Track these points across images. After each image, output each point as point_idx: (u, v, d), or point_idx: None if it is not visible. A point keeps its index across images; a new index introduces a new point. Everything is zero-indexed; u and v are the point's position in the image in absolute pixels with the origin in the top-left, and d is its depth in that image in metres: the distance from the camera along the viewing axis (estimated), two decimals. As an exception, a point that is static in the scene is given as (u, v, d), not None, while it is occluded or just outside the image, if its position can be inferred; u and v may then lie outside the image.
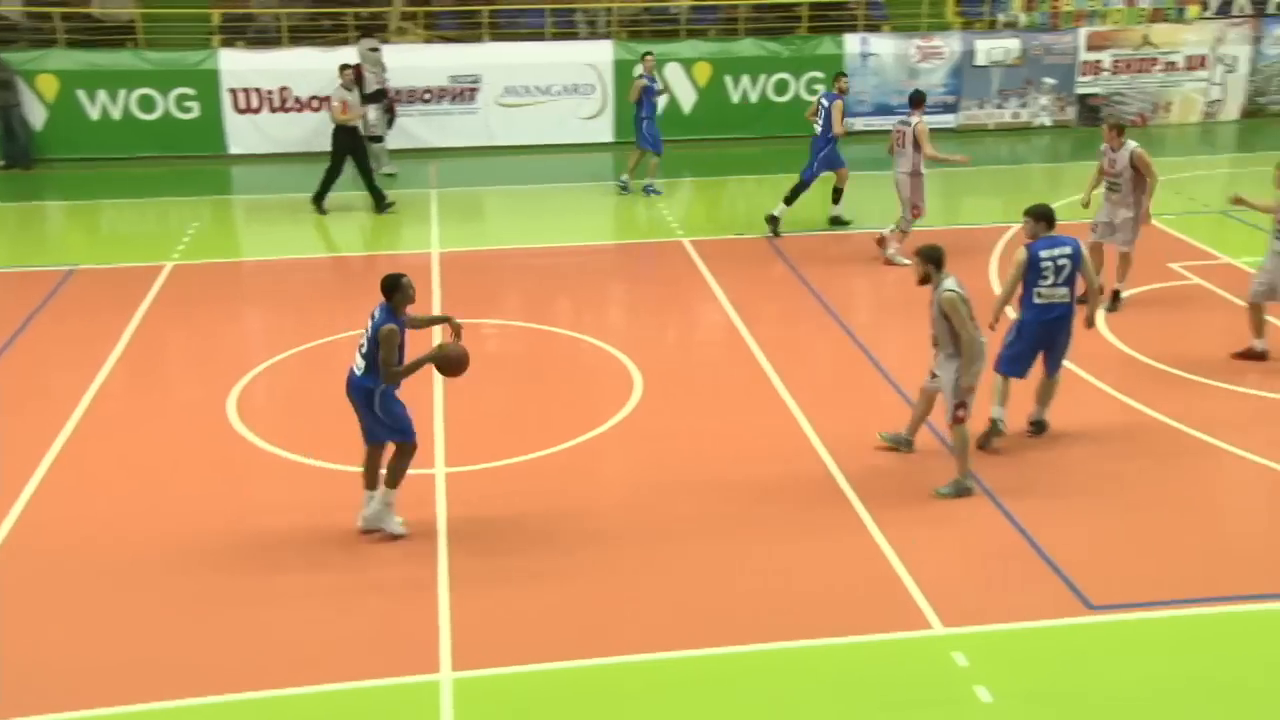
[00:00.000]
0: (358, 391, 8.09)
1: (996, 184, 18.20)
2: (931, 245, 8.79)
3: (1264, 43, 21.45)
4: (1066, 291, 9.21)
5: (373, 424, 8.15)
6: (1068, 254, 9.13)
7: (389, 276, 8.11)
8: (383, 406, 8.09)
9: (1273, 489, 8.86)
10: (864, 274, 14.18)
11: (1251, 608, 7.40)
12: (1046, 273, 9.13)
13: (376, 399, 8.06)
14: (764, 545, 8.25)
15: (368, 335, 8.05)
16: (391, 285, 8.05)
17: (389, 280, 8.08)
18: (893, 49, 20.80)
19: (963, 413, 8.65)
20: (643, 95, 17.11)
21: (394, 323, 7.94)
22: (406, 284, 8.11)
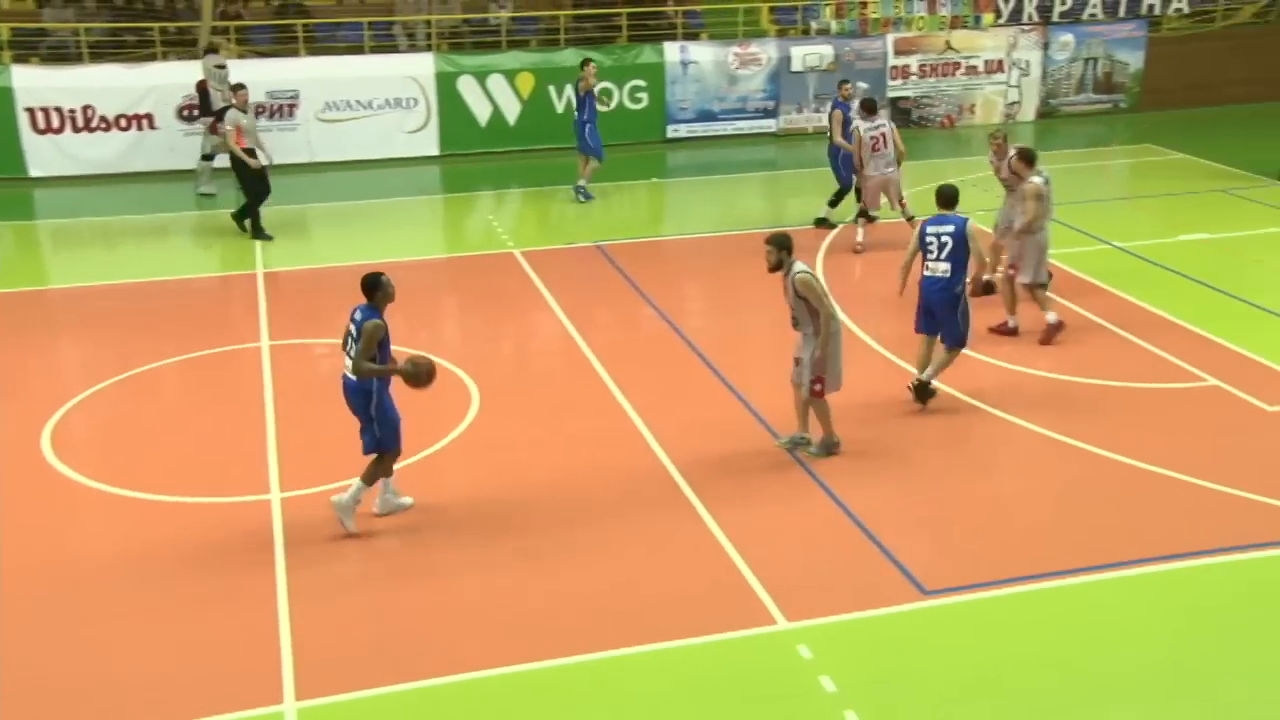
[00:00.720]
0: (354, 393, 8.20)
1: (819, 185, 18.70)
2: (782, 233, 9.29)
3: (1052, 48, 22.73)
4: (948, 266, 10.01)
5: (367, 426, 8.22)
6: (949, 232, 10.04)
7: (369, 275, 8.17)
8: (378, 407, 8.19)
9: (1082, 466, 9.35)
10: (695, 277, 14.43)
11: (1070, 581, 7.81)
12: (930, 247, 10.12)
13: (374, 399, 8.15)
14: (609, 551, 8.30)
15: (352, 334, 8.12)
16: (372, 284, 8.12)
17: (369, 279, 8.14)
18: (712, 56, 21.21)
19: (819, 386, 9.19)
20: (585, 101, 17.22)
21: (378, 319, 8.01)
22: (386, 282, 8.16)
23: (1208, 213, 15.75)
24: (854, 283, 13.93)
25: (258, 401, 10.68)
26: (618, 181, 18.74)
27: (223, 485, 9.20)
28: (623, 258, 14.71)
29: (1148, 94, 23.38)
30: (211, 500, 8.99)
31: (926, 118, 22.45)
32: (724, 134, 21.44)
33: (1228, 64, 23.41)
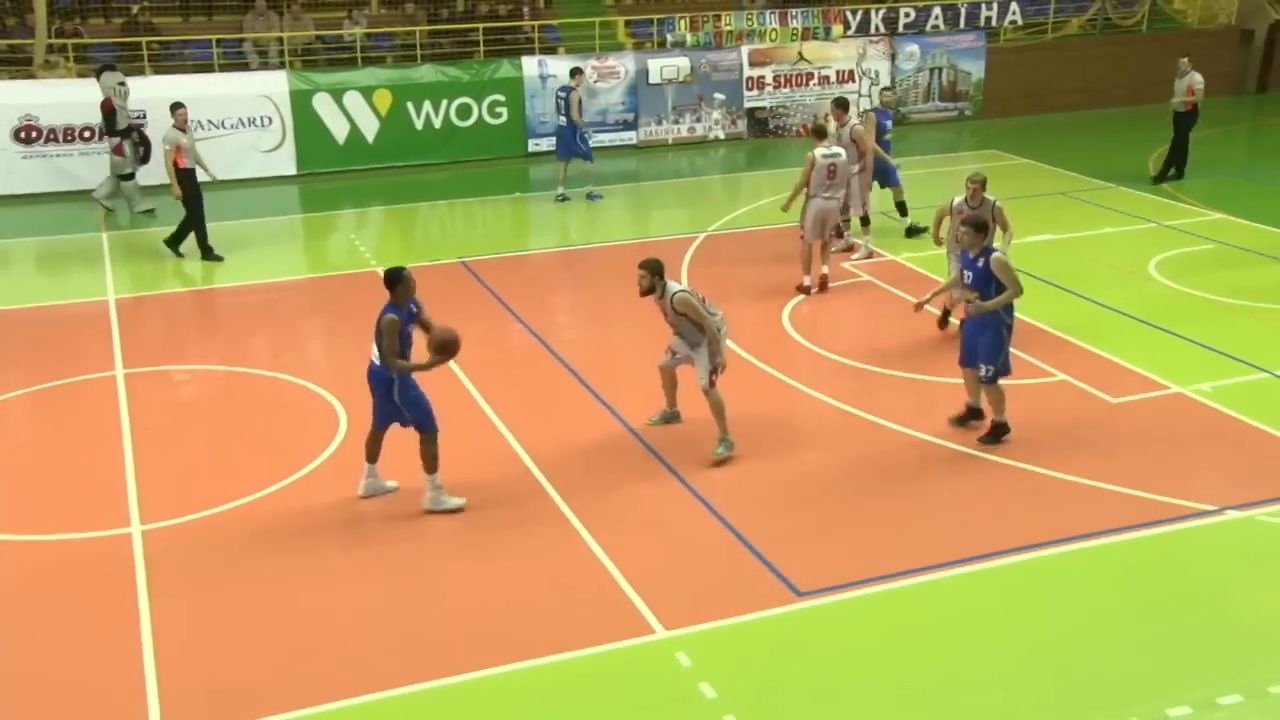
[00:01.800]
0: (377, 379, 8.67)
1: (680, 197, 18.98)
2: (654, 258, 9.57)
3: (899, 58, 23.48)
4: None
5: (391, 410, 8.72)
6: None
7: (390, 270, 8.67)
8: (402, 396, 8.66)
9: (942, 463, 9.66)
10: (562, 290, 14.45)
11: (936, 576, 8.06)
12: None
13: (395, 389, 8.62)
14: (485, 568, 8.25)
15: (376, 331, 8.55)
16: (394, 279, 8.57)
17: (391, 274, 8.62)
18: (569, 70, 21.24)
19: (716, 377, 9.60)
20: (567, 108, 17.77)
21: (395, 313, 8.46)
22: (407, 276, 8.60)
23: (1050, 214, 16.43)
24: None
25: (114, 432, 10.31)
26: (480, 197, 18.67)
27: (80, 520, 8.85)
28: (488, 273, 14.65)
29: (990, 102, 24.33)
30: (68, 537, 8.64)
31: (783, 127, 22.92)
32: (585, 147, 21.49)
33: (1060, 73, 24.54)
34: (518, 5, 22.44)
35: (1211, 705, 6.75)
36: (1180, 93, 18.36)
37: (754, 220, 17.06)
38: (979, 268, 9.58)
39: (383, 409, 8.80)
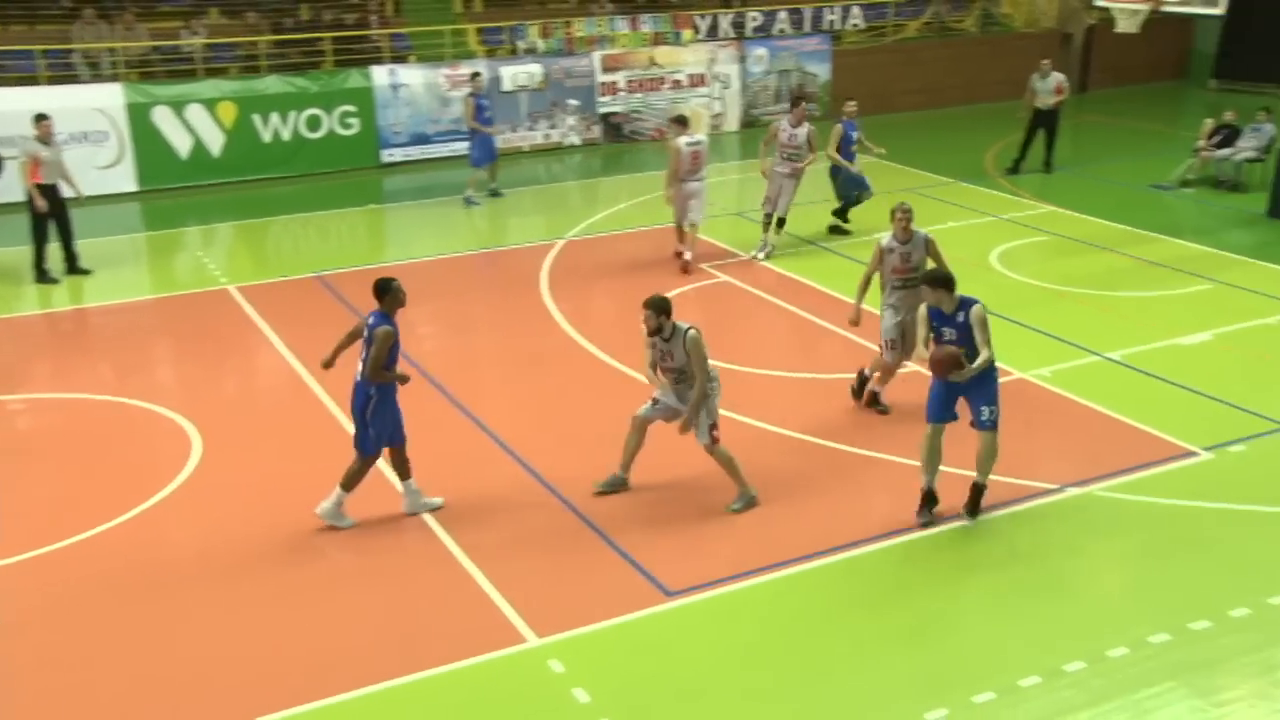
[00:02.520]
0: (359, 396, 8.54)
1: (537, 204, 18.99)
2: (661, 296, 8.82)
3: (749, 62, 23.93)
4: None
5: (362, 429, 8.58)
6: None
7: (380, 280, 8.57)
8: (374, 414, 8.52)
9: (799, 456, 9.90)
10: (422, 302, 14.28)
11: (804, 567, 8.25)
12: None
13: (371, 406, 8.49)
14: (355, 587, 8.15)
15: (366, 339, 8.45)
16: (383, 289, 8.51)
17: (380, 284, 8.54)
18: (422, 79, 21.09)
19: (717, 433, 8.91)
20: (475, 112, 17.89)
21: (390, 325, 8.38)
22: (398, 287, 8.56)
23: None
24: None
25: (-50, 468, 9.83)
26: (334, 209, 18.36)
27: (-84, 563, 8.43)
28: (345, 287, 14.41)
29: (836, 103, 24.86)
30: (-97, 581, 8.22)
31: (638, 131, 23.11)
32: (440, 156, 21.35)
33: (900, 74, 25.34)
34: (365, 14, 22.12)
35: (1059, 673, 7.09)
36: (1048, 91, 19.09)
37: (613, 225, 17.19)
38: (960, 323, 8.46)
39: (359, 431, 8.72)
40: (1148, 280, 14.12)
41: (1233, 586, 7.93)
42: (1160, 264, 14.73)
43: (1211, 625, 7.52)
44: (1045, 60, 19.73)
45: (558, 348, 12.43)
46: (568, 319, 13.17)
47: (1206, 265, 14.63)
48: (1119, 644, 7.34)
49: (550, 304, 13.69)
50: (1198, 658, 7.22)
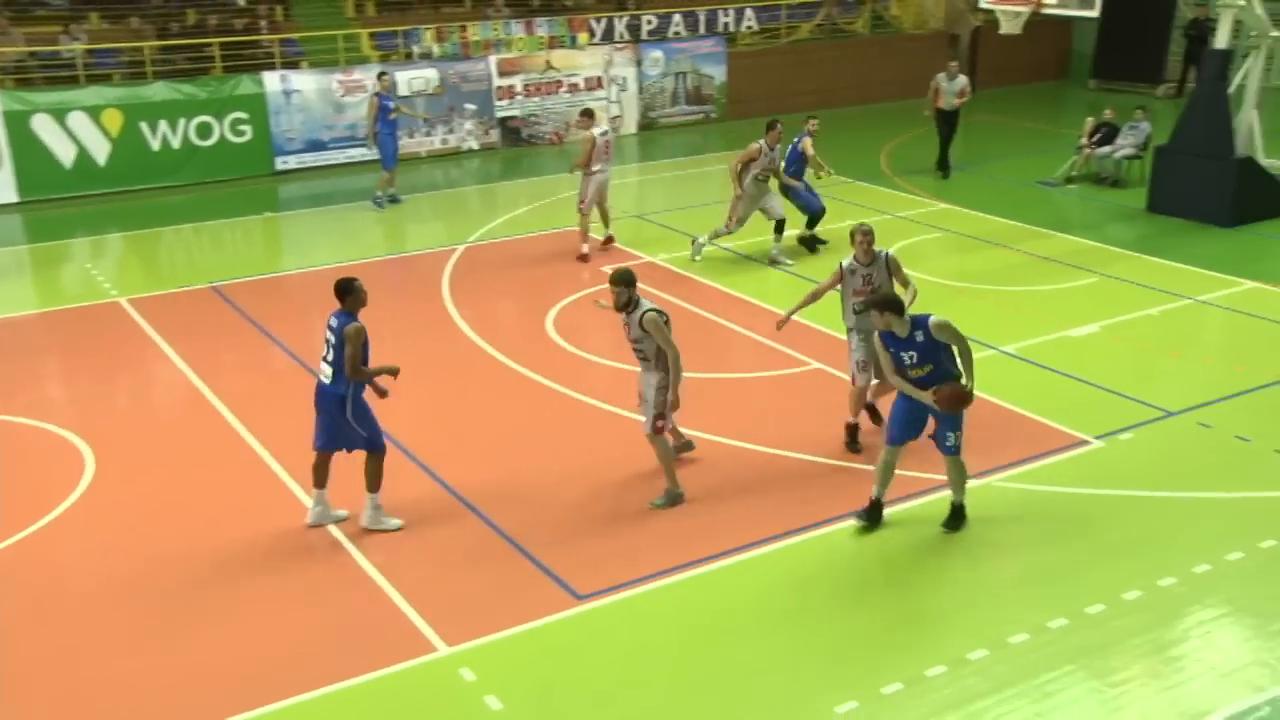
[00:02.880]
0: (329, 399, 8.45)
1: (436, 209, 18.82)
2: (625, 270, 8.98)
3: (645, 64, 24.04)
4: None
5: (343, 430, 8.50)
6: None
7: (342, 280, 8.53)
8: (355, 412, 8.47)
9: (706, 456, 9.97)
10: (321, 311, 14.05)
11: (712, 566, 8.32)
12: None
13: (349, 405, 8.43)
14: (262, 603, 7.99)
15: (332, 341, 8.38)
16: (344, 289, 8.47)
17: (342, 284, 8.50)
18: (315, 85, 20.77)
19: (662, 423, 9.02)
20: (379, 113, 17.76)
21: (359, 322, 8.33)
22: (359, 287, 8.52)
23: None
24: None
25: None
26: (229, 218, 17.98)
27: None
28: (242, 297, 14.13)
29: (732, 104, 25.22)
30: None
31: (535, 135, 23.06)
32: (336, 163, 21.07)
33: (795, 75, 25.70)
34: (254, 19, 21.70)
35: (963, 661, 7.26)
36: (953, 93, 19.38)
37: (513, 229, 17.13)
38: (919, 342, 8.25)
39: (330, 430, 8.58)
40: (1039, 275, 14.54)
41: (1125, 570, 8.20)
42: (1050, 259, 15.17)
43: (1106, 608, 7.77)
44: (953, 62, 20.15)
45: (461, 354, 12.35)
46: (470, 325, 13.09)
47: (1092, 259, 15.12)
48: (1020, 630, 7.54)
49: (452, 310, 13.59)
50: (1094, 640, 7.45)
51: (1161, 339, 12.42)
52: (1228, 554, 8.35)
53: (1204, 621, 7.66)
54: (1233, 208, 16.38)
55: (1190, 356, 12.03)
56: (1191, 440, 10.12)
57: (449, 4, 23.96)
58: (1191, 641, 7.48)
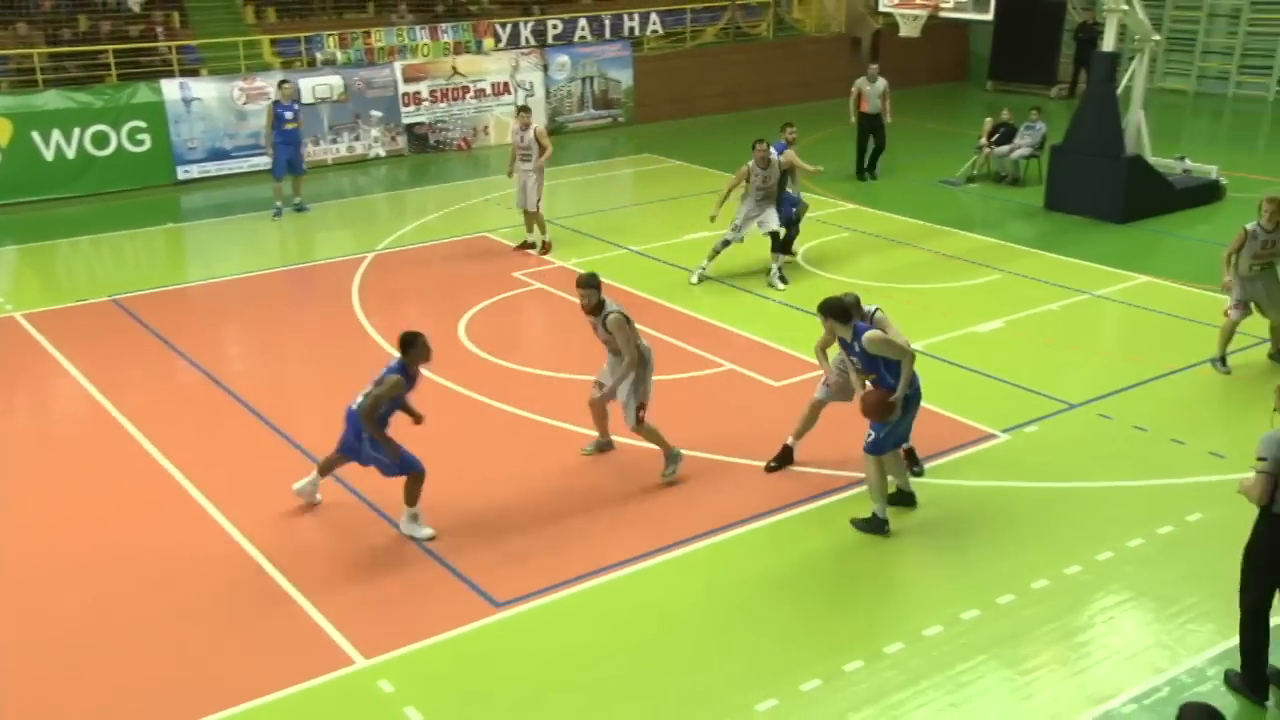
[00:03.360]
0: (351, 418, 8.57)
1: (344, 217, 18.59)
2: (591, 273, 9.45)
3: (551, 69, 24.02)
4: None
5: (358, 450, 8.61)
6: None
7: (406, 333, 8.50)
8: (370, 440, 8.49)
9: (622, 460, 10.01)
10: (228, 322, 13.83)
11: (632, 569, 8.35)
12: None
13: (365, 439, 8.50)
14: (173, 621, 7.81)
15: (375, 379, 8.45)
16: (408, 342, 8.45)
17: (406, 337, 8.47)
18: (215, 92, 20.37)
19: (643, 413, 9.40)
20: (275, 121, 17.50)
21: (402, 375, 8.38)
22: (423, 342, 8.47)
23: (704, 214, 17.27)
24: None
25: None
26: (129, 229, 17.56)
27: None
28: (144, 310, 13.81)
29: (640, 108, 25.33)
30: None
31: (444, 141, 22.90)
32: (240, 172, 20.69)
33: (701, 79, 25.91)
34: (149, 25, 21.20)
35: (880, 655, 7.39)
36: (876, 95, 19.50)
37: (422, 236, 16.99)
38: (859, 352, 8.56)
39: (347, 443, 8.72)
40: (944, 272, 14.84)
41: (1033, 560, 8.41)
42: (954, 256, 15.50)
43: (1015, 598, 7.97)
44: (873, 65, 20.37)
45: (373, 363, 12.14)
46: (381, 332, 12.95)
47: (995, 256, 15.48)
48: (934, 623, 7.70)
49: (363, 318, 13.44)
50: (1005, 630, 7.63)
51: (1062, 333, 12.76)
52: (1129, 540, 8.62)
53: (1108, 608, 7.89)
54: (1125, 205, 16.91)
55: (1090, 350, 12.38)
56: (1093, 431, 10.42)
57: (352, 10, 23.68)
58: (1097, 627, 7.70)
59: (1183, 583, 8.12)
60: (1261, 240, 11.26)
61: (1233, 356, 11.69)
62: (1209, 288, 12.45)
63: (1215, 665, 7.22)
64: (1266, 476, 6.50)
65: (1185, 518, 8.92)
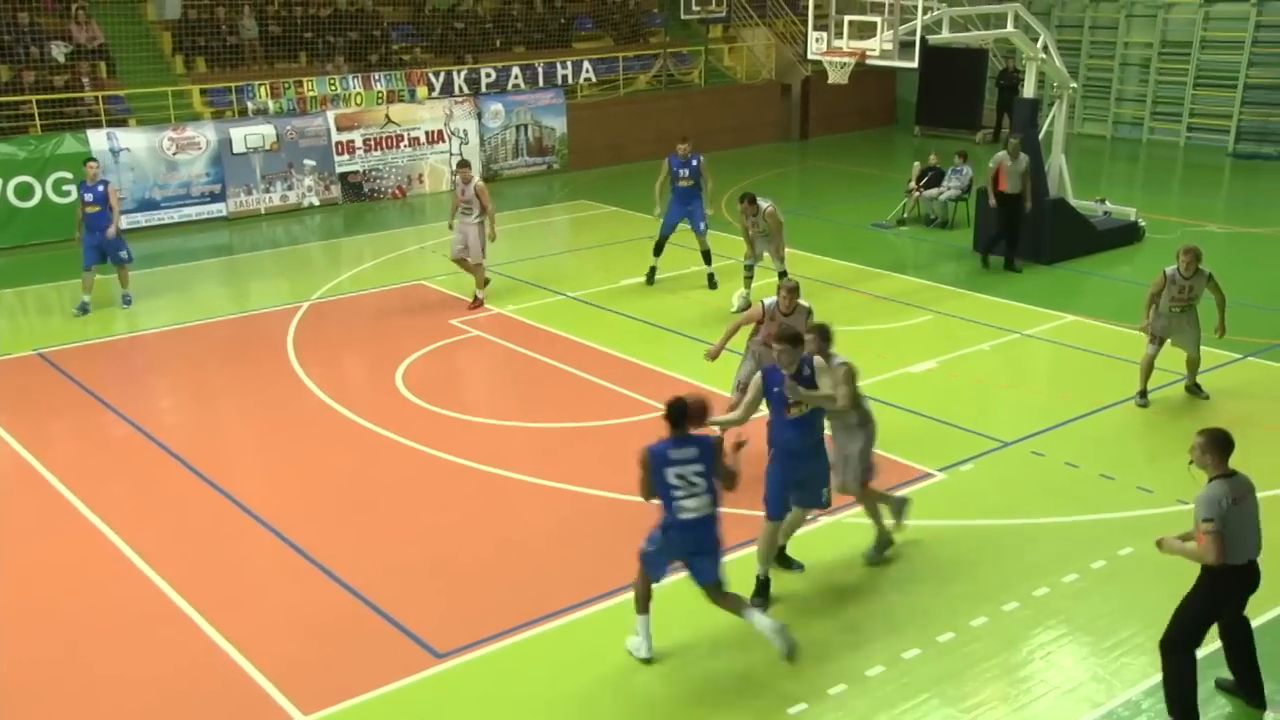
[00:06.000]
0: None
1: (279, 267, 18.43)
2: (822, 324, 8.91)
3: (485, 117, 24.11)
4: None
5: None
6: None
7: (674, 403, 7.36)
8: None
9: (569, 506, 9.99)
10: (159, 375, 13.61)
11: (578, 615, 8.30)
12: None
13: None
14: (106, 682, 7.62)
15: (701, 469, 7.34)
16: (678, 414, 7.30)
17: (675, 408, 7.33)
18: (145, 143, 20.17)
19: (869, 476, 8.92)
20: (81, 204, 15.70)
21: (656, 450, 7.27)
22: (697, 408, 7.35)
23: (641, 259, 17.40)
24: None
25: None
26: (55, 281, 17.25)
27: None
28: (72, 364, 13.56)
29: (574, 154, 25.48)
30: None
31: (378, 190, 22.84)
32: (170, 222, 20.47)
33: (635, 125, 26.15)
34: (75, 75, 20.94)
35: (823, 696, 7.41)
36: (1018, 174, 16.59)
37: (358, 285, 16.90)
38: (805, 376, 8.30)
39: None
40: (877, 314, 15.06)
41: (971, 597, 8.51)
42: (887, 298, 15.74)
43: (955, 636, 8.05)
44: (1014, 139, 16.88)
45: (309, 413, 12.08)
46: (317, 383, 12.83)
47: (926, 298, 15.75)
48: (876, 663, 7.74)
49: (298, 369, 13.31)
50: (947, 669, 7.69)
51: (994, 372, 13.00)
52: (1063, 576, 8.75)
53: (1045, 643, 8.00)
54: (1050, 246, 17.31)
55: (1021, 388, 12.62)
56: (1026, 468, 10.60)
57: (283, 59, 23.61)
58: (1036, 663, 7.80)
59: (1116, 615, 8.26)
60: (1179, 285, 11.70)
61: (1155, 393, 11.99)
62: (1133, 326, 12.76)
63: (1149, 698, 7.34)
64: (1216, 536, 6.58)
65: (1117, 552, 9.09)
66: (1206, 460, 6.78)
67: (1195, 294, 11.75)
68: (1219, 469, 6.75)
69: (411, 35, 25.47)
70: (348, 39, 24.09)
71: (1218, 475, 6.74)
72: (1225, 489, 6.67)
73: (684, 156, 16.65)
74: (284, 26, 23.69)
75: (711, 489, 7.42)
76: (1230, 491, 6.66)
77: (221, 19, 23.28)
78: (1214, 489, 6.69)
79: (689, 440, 7.36)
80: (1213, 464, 6.76)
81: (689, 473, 7.30)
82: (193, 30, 22.90)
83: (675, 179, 16.59)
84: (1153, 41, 28.08)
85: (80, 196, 15.80)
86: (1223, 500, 6.61)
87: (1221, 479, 6.72)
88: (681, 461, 7.30)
